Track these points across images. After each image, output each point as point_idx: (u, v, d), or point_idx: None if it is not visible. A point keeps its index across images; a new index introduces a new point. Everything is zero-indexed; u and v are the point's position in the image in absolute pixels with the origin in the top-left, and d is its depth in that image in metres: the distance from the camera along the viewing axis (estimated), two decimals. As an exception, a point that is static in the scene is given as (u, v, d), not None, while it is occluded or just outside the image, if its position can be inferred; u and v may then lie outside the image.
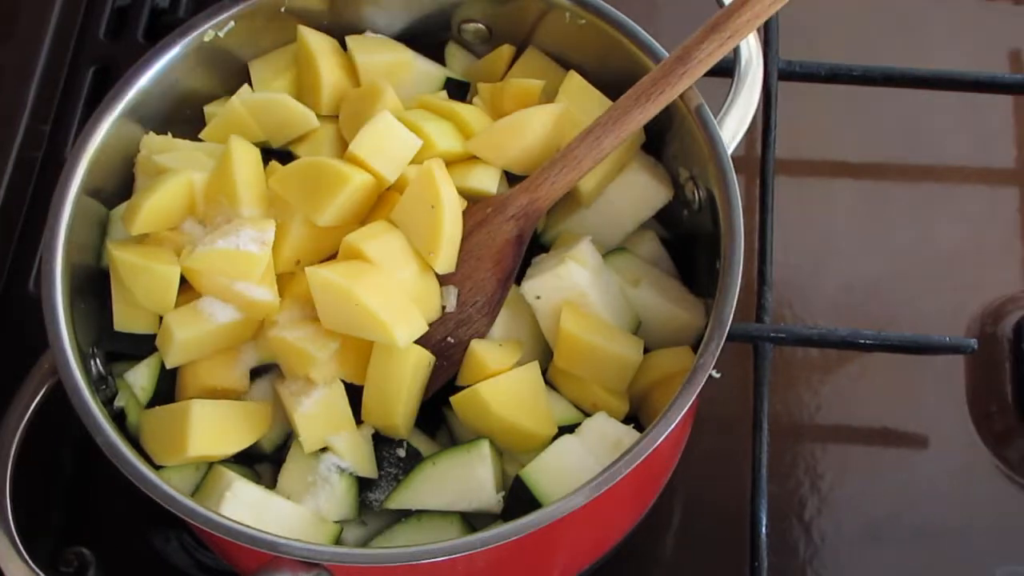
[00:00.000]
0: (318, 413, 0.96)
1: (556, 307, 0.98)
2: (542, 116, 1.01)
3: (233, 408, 0.96)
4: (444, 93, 1.07)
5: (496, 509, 0.95)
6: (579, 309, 0.98)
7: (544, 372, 0.99)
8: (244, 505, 0.93)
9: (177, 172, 0.98)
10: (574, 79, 1.04)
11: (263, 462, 1.00)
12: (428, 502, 0.96)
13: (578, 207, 1.03)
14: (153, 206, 0.97)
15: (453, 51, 1.11)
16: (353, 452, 0.96)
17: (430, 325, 0.97)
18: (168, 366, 0.97)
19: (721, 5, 1.02)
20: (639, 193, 1.04)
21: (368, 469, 0.97)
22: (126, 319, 0.98)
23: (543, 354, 1.01)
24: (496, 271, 0.99)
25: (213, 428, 0.94)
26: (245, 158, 0.98)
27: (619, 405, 0.99)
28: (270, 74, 1.06)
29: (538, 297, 0.98)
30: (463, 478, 0.95)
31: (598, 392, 0.98)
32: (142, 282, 0.96)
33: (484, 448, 0.95)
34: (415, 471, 0.96)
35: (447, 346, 0.99)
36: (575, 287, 0.98)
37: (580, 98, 1.03)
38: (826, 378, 1.17)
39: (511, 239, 0.99)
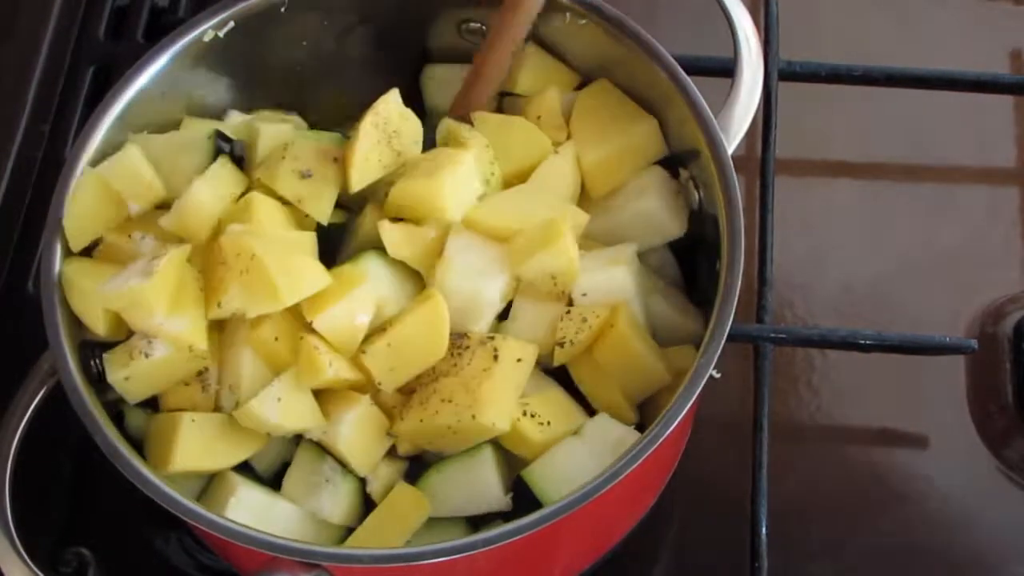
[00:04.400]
0: (358, 435, 0.95)
1: (597, 306, 0.98)
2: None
3: (225, 422, 0.95)
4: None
5: (507, 508, 0.95)
6: (632, 313, 0.98)
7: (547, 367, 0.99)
8: (248, 509, 0.93)
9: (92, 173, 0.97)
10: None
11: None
12: (437, 510, 0.96)
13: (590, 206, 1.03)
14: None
15: (432, 73, 1.11)
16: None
17: None
18: (130, 403, 0.95)
19: (722, 6, 1.02)
20: (652, 225, 1.03)
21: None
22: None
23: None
24: None
25: (202, 443, 0.93)
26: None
27: (631, 414, 0.98)
28: None
29: (584, 295, 0.98)
30: (470, 483, 0.95)
31: (617, 396, 0.97)
32: (75, 302, 0.94)
33: (487, 452, 0.95)
34: (421, 481, 0.96)
35: None
36: (622, 292, 0.97)
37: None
38: (826, 378, 1.17)
39: None
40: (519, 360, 0.95)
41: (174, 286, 0.92)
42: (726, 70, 1.03)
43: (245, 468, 0.97)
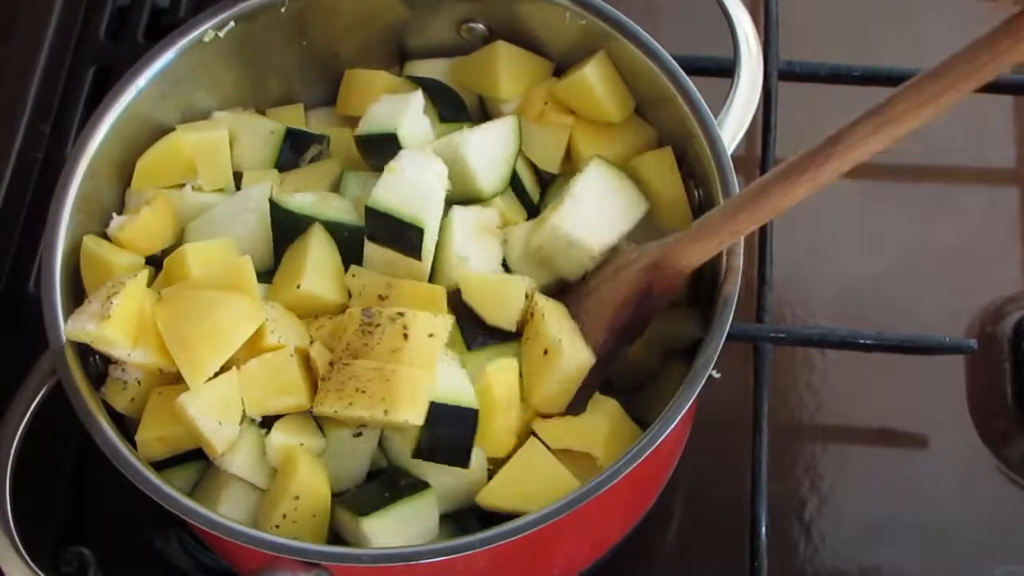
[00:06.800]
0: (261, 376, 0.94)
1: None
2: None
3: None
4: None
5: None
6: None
7: None
8: (241, 505, 0.94)
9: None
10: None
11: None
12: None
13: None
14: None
15: (413, 68, 1.11)
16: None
17: None
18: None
19: (722, 6, 1.02)
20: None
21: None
22: None
23: None
24: (612, 320, 0.96)
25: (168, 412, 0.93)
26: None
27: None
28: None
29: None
30: (416, 523, 0.94)
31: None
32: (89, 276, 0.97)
33: (429, 496, 0.95)
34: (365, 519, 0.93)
35: None
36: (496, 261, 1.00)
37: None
38: (826, 378, 1.17)
39: (633, 289, 0.95)
40: (431, 335, 0.92)
41: (134, 321, 0.92)
42: (726, 70, 1.03)
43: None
